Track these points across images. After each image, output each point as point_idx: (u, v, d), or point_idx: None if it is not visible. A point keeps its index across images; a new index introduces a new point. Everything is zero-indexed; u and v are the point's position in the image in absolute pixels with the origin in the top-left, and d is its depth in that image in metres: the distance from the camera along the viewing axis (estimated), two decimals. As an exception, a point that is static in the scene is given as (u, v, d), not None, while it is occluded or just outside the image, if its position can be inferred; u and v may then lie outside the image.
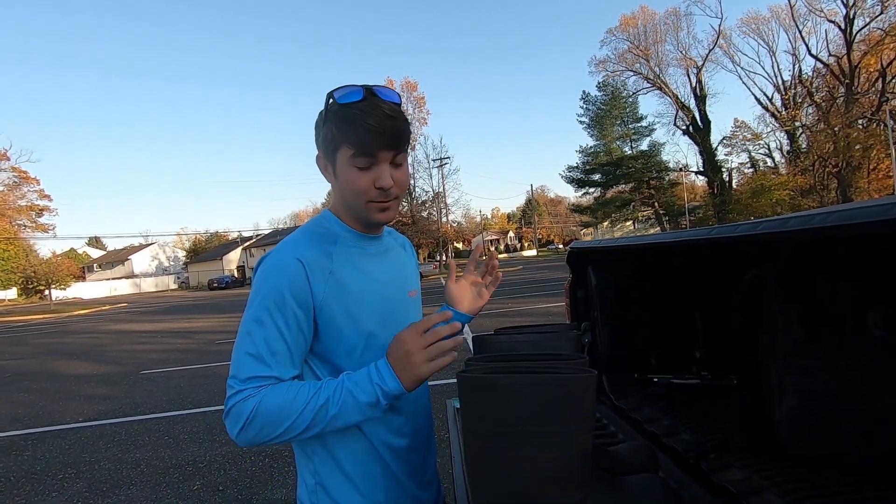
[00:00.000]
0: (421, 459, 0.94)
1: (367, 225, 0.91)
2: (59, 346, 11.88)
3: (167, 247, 68.06)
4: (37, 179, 41.51)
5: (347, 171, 0.83)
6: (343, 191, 0.87)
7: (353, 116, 0.79)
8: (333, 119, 0.82)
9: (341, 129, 0.81)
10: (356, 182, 0.83)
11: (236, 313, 16.64)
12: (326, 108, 0.84)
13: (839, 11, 30.63)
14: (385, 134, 0.80)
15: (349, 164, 0.82)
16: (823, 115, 32.01)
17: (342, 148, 0.82)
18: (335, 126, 0.82)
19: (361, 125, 0.79)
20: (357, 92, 0.81)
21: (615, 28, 39.08)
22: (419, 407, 0.95)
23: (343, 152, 0.82)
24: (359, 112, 0.79)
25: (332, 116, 0.83)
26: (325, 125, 0.85)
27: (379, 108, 0.80)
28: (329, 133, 0.84)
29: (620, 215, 42.84)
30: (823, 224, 0.62)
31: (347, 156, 0.82)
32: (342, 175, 0.84)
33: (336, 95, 0.82)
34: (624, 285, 1.70)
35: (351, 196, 0.85)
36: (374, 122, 0.79)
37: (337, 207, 0.93)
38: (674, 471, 1.11)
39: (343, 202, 0.90)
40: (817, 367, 1.05)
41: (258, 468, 3.42)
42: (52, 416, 5.34)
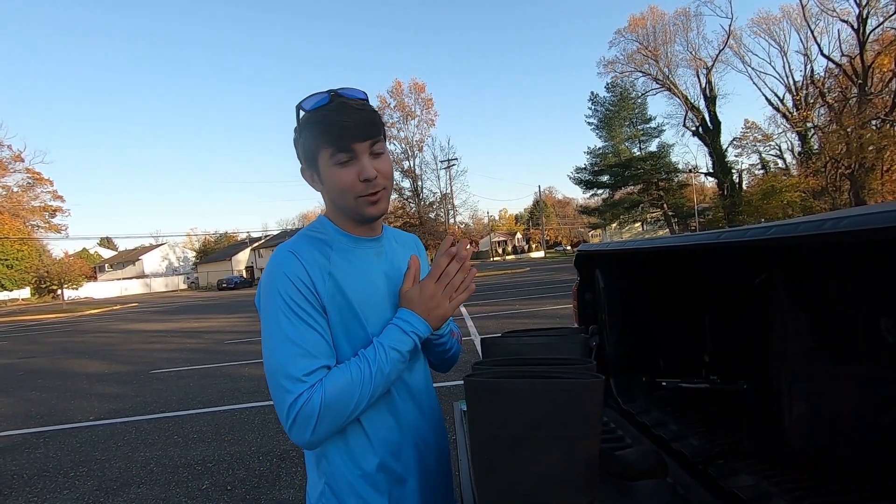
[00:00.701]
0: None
1: (362, 222, 0.92)
2: (70, 345, 12.02)
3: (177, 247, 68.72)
4: (50, 180, 42.14)
5: (331, 172, 0.87)
6: (332, 192, 0.89)
7: (323, 118, 0.84)
8: (307, 127, 0.87)
9: (316, 134, 0.86)
10: (341, 179, 0.86)
11: (245, 313, 16.75)
12: (298, 120, 0.89)
13: (852, 11, 30.25)
14: (355, 126, 0.84)
15: (330, 164, 0.86)
16: (836, 115, 31.61)
17: (321, 151, 0.86)
18: (310, 133, 0.87)
19: (333, 124, 0.84)
20: (323, 97, 0.86)
21: (624, 28, 38.95)
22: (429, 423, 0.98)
23: (323, 155, 0.86)
24: (328, 113, 0.84)
25: (305, 125, 0.88)
26: (301, 137, 0.90)
27: (346, 105, 0.85)
28: (306, 142, 0.88)
29: (629, 217, 42.58)
30: (835, 229, 0.62)
31: (327, 157, 0.86)
32: (327, 177, 0.88)
33: (305, 105, 0.87)
34: (632, 288, 1.69)
35: (340, 195, 0.88)
36: (345, 118, 0.84)
37: (331, 213, 0.95)
38: (682, 476, 1.11)
39: (335, 205, 0.92)
40: (828, 372, 1.04)
41: (266, 468, 3.44)
42: (64, 414, 5.40)
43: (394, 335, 0.85)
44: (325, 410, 0.76)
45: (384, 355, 0.82)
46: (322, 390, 0.77)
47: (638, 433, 1.39)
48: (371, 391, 0.80)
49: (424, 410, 0.96)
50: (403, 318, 0.87)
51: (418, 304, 0.88)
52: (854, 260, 0.95)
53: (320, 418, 0.76)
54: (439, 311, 0.88)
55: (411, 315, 0.87)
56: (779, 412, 1.12)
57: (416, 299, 0.88)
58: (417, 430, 0.94)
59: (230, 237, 72.06)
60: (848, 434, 0.99)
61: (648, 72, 38.90)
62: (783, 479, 1.02)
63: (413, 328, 0.86)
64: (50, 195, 42.48)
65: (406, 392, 0.93)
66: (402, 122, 42.06)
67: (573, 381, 0.60)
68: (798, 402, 1.08)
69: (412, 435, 0.92)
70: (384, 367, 0.82)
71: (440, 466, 0.97)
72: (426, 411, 0.96)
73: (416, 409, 0.94)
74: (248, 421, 4.57)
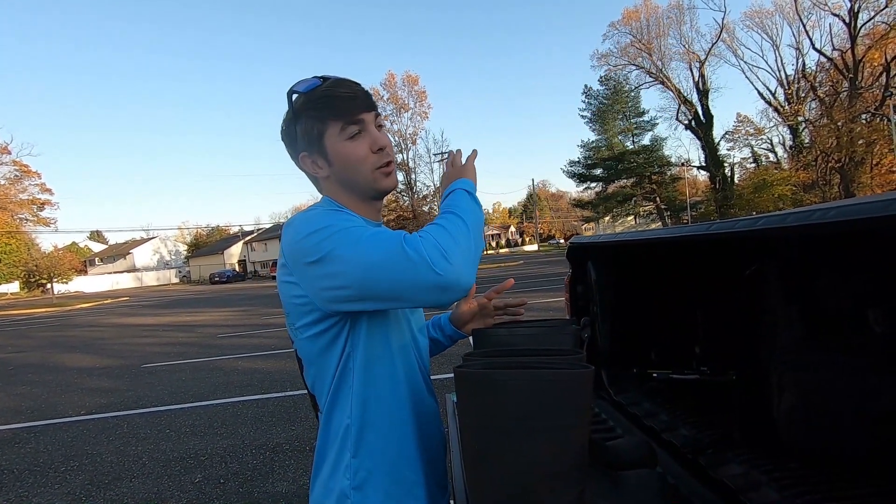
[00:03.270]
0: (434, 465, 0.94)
1: (376, 198, 0.90)
2: (61, 340, 11.93)
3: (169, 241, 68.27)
4: (38, 173, 41.68)
5: (342, 147, 0.84)
6: (345, 169, 0.85)
7: (326, 94, 0.82)
8: (307, 108, 0.84)
9: (321, 111, 0.83)
10: (356, 151, 0.84)
11: (238, 307, 16.70)
12: (293, 106, 0.86)
13: (843, 5, 30.43)
14: (360, 97, 0.84)
15: (341, 139, 0.83)
16: (827, 109, 31.86)
17: (328, 128, 0.83)
18: (313, 112, 0.84)
19: (338, 97, 0.82)
20: (315, 79, 0.85)
21: (618, 21, 38.93)
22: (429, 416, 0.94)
23: (330, 132, 0.83)
24: (329, 88, 0.83)
25: (304, 107, 0.85)
26: (297, 122, 0.86)
27: (342, 81, 0.84)
28: (308, 124, 0.85)
29: (622, 210, 42.76)
30: (823, 220, 0.62)
31: (336, 132, 0.83)
32: (338, 153, 0.84)
33: (299, 89, 0.84)
34: (624, 280, 1.69)
35: (355, 170, 0.85)
36: (348, 90, 0.83)
37: (341, 201, 0.89)
38: (672, 466, 1.12)
39: (346, 185, 0.88)
40: (817, 362, 1.05)
41: (259, 461, 3.44)
42: (55, 408, 5.37)
43: (459, 196, 0.83)
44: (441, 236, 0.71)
45: (466, 202, 0.81)
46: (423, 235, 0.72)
47: (629, 424, 1.40)
48: (476, 233, 0.76)
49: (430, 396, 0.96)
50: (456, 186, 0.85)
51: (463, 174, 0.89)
52: (842, 251, 0.96)
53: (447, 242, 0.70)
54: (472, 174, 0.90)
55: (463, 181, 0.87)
56: (768, 403, 1.13)
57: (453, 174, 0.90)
58: (435, 412, 0.94)
59: (222, 231, 71.60)
60: (836, 424, 1.00)
61: (642, 65, 38.94)
62: (772, 468, 1.03)
63: (469, 186, 0.86)
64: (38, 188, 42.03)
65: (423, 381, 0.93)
66: (396, 114, 41.87)
67: (562, 372, 0.60)
68: (787, 392, 1.09)
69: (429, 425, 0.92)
70: (476, 212, 0.80)
71: (440, 454, 0.97)
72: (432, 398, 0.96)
73: (432, 395, 0.95)
74: (240, 414, 4.56)
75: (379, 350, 0.82)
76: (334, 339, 0.80)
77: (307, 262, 0.73)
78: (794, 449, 1.06)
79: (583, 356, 0.69)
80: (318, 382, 0.84)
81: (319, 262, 0.71)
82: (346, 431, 0.81)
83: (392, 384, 0.84)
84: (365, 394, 0.81)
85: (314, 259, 0.72)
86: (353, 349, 0.81)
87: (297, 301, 0.79)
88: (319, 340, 0.81)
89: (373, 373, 0.82)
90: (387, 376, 0.83)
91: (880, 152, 30.27)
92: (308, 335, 0.81)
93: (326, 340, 0.80)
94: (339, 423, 0.82)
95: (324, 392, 0.84)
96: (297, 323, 0.82)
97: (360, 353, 0.81)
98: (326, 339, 0.80)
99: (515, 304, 1.11)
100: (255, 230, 60.33)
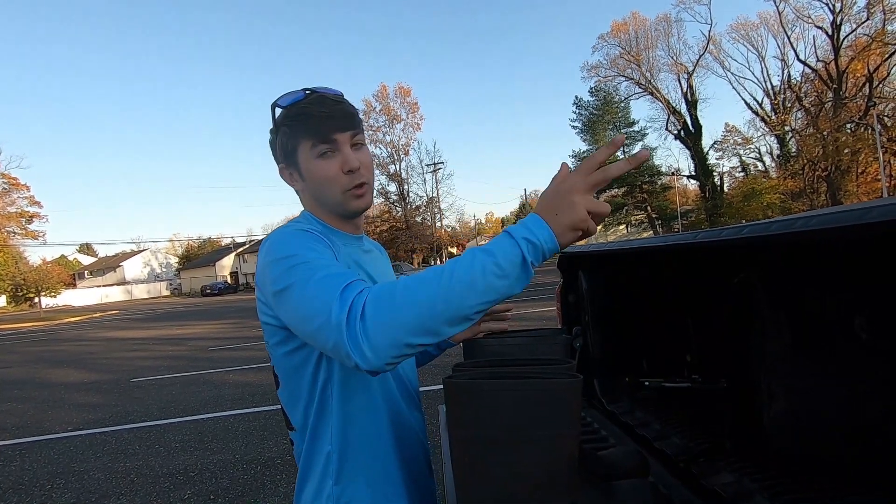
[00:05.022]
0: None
1: (348, 217, 0.89)
2: (48, 354, 11.73)
3: (159, 253, 67.67)
4: (27, 186, 41.25)
5: (313, 164, 0.83)
6: (314, 187, 0.85)
7: (302, 111, 0.82)
8: (284, 122, 0.84)
9: (295, 127, 0.83)
10: (324, 171, 0.83)
11: (230, 319, 16.54)
12: (274, 118, 0.86)
13: (826, 18, 31.16)
14: (336, 117, 0.82)
15: (312, 156, 0.83)
16: (812, 119, 32.45)
17: (301, 145, 0.83)
18: (288, 128, 0.84)
19: (313, 115, 0.81)
20: (299, 93, 0.85)
21: (607, 34, 39.50)
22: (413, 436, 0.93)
23: (303, 148, 0.83)
24: (306, 105, 0.82)
25: (282, 121, 0.85)
26: (278, 135, 0.86)
27: (324, 98, 0.83)
28: (284, 138, 0.85)
29: (613, 219, 43.06)
30: (805, 228, 0.63)
31: (308, 149, 0.83)
32: (309, 171, 0.84)
33: (281, 102, 0.85)
34: (614, 289, 1.70)
35: (322, 190, 0.84)
36: (324, 108, 0.82)
37: (316, 213, 0.90)
38: (664, 475, 1.12)
39: (318, 202, 0.88)
40: (805, 370, 1.06)
41: (250, 476, 3.39)
42: (41, 425, 5.26)
43: (496, 240, 0.61)
44: (376, 301, 0.59)
45: (469, 257, 0.59)
46: (369, 289, 0.62)
47: (622, 433, 1.40)
48: (445, 292, 0.57)
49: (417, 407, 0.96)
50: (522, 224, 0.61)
51: (546, 202, 0.61)
52: (827, 258, 0.97)
53: (374, 310, 0.58)
54: (572, 213, 0.59)
55: (531, 217, 0.61)
56: (758, 410, 1.13)
57: (549, 195, 0.61)
58: (418, 430, 0.94)
59: (214, 242, 71.13)
60: (826, 431, 1.01)
61: (631, 76, 39.48)
62: (763, 476, 1.03)
63: (527, 232, 0.58)
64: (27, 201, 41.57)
65: (407, 393, 0.92)
66: (388, 125, 42.09)
67: (551, 381, 0.60)
68: (777, 399, 1.10)
69: (415, 438, 0.92)
70: (466, 268, 0.58)
71: (423, 471, 0.97)
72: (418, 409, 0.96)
73: (416, 410, 0.95)
74: (231, 429, 4.50)
75: (356, 374, 0.82)
76: (306, 358, 0.80)
77: (273, 290, 0.72)
78: (785, 456, 1.07)
79: (572, 365, 0.69)
80: (292, 400, 0.84)
81: (281, 293, 0.70)
82: (328, 459, 0.82)
83: (371, 409, 0.84)
84: (345, 421, 0.82)
85: (278, 289, 0.70)
86: (329, 374, 0.81)
87: (269, 320, 0.80)
88: (292, 359, 0.81)
89: (352, 400, 0.82)
90: (365, 402, 0.83)
91: (865, 161, 30.83)
92: (281, 353, 0.82)
93: (299, 359, 0.81)
94: (321, 450, 0.82)
95: (298, 412, 0.84)
96: (271, 340, 0.83)
97: (336, 379, 0.81)
98: (299, 357, 0.81)
99: (501, 310, 1.09)
100: (248, 242, 60.02)
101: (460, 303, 0.57)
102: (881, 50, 28.68)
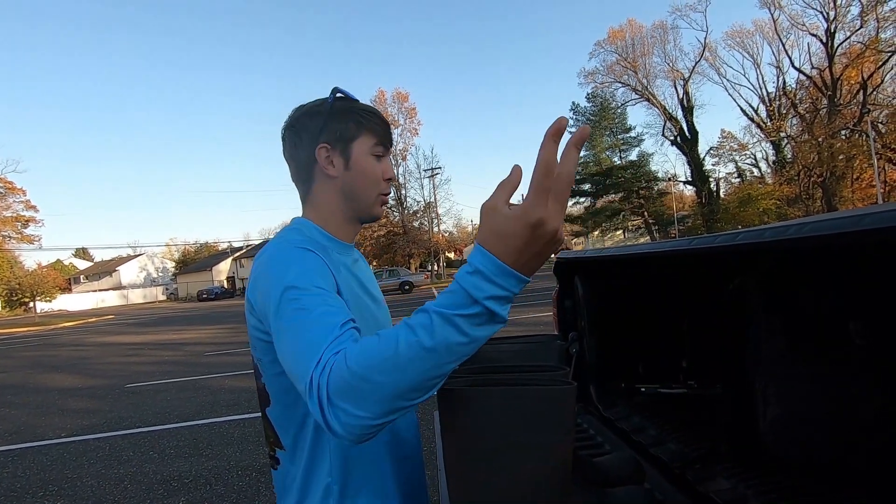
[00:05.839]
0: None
1: (363, 221, 0.90)
2: (43, 360, 11.65)
3: (156, 257, 67.36)
4: (23, 190, 41.06)
5: (367, 160, 0.85)
6: (354, 180, 0.85)
7: (372, 111, 0.86)
8: (350, 110, 0.85)
9: (363, 119, 0.85)
10: (374, 169, 0.85)
11: (226, 324, 16.47)
12: (335, 102, 0.86)
13: (820, 25, 31.47)
14: (390, 132, 0.88)
15: (368, 152, 0.85)
16: (807, 126, 32.69)
17: (361, 137, 0.85)
18: (356, 117, 0.85)
19: (381, 118, 0.87)
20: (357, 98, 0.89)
21: (603, 40, 39.74)
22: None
23: (362, 142, 0.85)
24: (373, 108, 0.87)
25: (346, 107, 0.85)
26: (331, 116, 0.84)
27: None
28: (343, 122, 0.84)
29: (610, 225, 43.16)
30: (798, 235, 0.63)
31: (368, 144, 0.85)
32: (360, 164, 0.85)
33: (348, 92, 0.88)
34: (610, 295, 1.70)
35: (362, 185, 0.85)
36: (385, 120, 0.88)
37: (322, 212, 0.87)
38: (660, 481, 1.11)
39: (347, 196, 0.86)
40: (800, 375, 1.06)
41: (245, 483, 3.37)
42: (34, 431, 5.22)
43: (449, 289, 0.52)
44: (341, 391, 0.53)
45: (439, 331, 0.50)
46: (346, 350, 0.55)
47: (617, 439, 1.40)
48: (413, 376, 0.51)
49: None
50: (478, 271, 0.50)
51: (493, 227, 0.50)
52: (820, 265, 0.97)
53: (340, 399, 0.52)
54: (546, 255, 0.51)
55: (478, 252, 0.51)
56: (754, 415, 1.13)
57: (496, 221, 0.50)
58: (414, 444, 0.92)
59: (211, 247, 70.93)
60: (821, 436, 1.01)
61: (628, 83, 39.71)
62: (758, 481, 1.03)
63: (496, 290, 0.49)
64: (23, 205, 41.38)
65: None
66: (386, 131, 41.94)
67: (544, 388, 0.60)
68: (772, 405, 1.10)
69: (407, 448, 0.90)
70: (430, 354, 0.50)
71: (420, 488, 0.95)
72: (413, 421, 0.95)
73: (410, 430, 0.92)
74: (227, 435, 4.47)
75: None
76: None
77: (274, 323, 0.67)
78: (780, 461, 1.06)
79: (566, 372, 0.69)
80: (285, 422, 0.81)
81: (278, 332, 0.66)
82: (327, 491, 0.78)
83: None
84: (346, 452, 0.79)
85: (277, 326, 0.66)
86: None
87: (262, 336, 0.76)
88: (287, 380, 0.73)
89: None
90: None
91: (860, 167, 31.04)
92: (274, 372, 0.77)
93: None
94: (319, 481, 0.79)
95: (289, 435, 0.80)
96: (264, 358, 0.79)
97: None
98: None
99: None
100: (245, 246, 59.86)
101: (425, 380, 0.52)
102: (875, 57, 28.96)
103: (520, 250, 0.49)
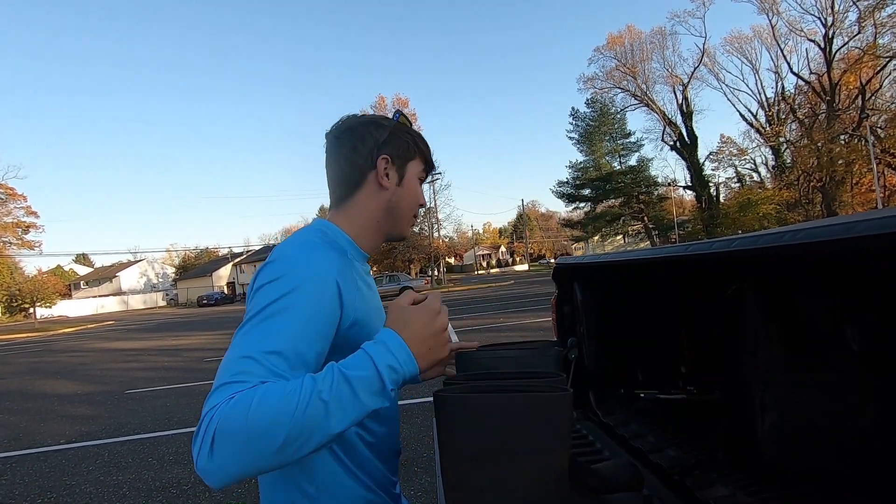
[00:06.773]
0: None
1: (391, 239, 0.94)
2: (42, 366, 11.62)
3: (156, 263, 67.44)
4: (24, 196, 41.10)
5: (414, 183, 0.91)
6: (400, 199, 0.89)
7: (424, 139, 0.93)
8: (411, 134, 0.91)
9: (420, 145, 0.91)
10: (417, 193, 0.91)
11: (226, 330, 16.43)
12: (398, 119, 0.91)
13: (819, 31, 31.55)
14: (433, 163, 0.96)
15: (417, 175, 0.91)
16: (806, 131, 32.74)
17: (416, 160, 0.91)
18: (414, 140, 0.90)
19: (429, 148, 0.94)
20: None
21: (602, 46, 39.83)
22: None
23: (415, 165, 0.90)
24: (424, 137, 0.93)
25: (408, 131, 0.91)
26: (397, 133, 0.89)
27: None
28: (405, 142, 0.89)
29: (611, 230, 43.14)
30: (793, 241, 0.63)
31: (419, 169, 0.91)
32: (411, 183, 0.90)
33: (407, 117, 0.93)
34: (610, 301, 1.70)
35: (409, 206, 0.91)
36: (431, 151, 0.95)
37: (357, 221, 0.87)
38: (659, 488, 1.11)
39: (388, 212, 0.88)
40: (798, 381, 1.06)
41: (245, 490, 3.35)
42: (33, 437, 5.20)
43: (358, 362, 0.59)
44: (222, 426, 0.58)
45: (330, 376, 0.57)
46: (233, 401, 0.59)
47: (616, 445, 1.39)
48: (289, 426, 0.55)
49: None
50: (383, 342, 0.60)
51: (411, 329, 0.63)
52: (817, 270, 0.97)
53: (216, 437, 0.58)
54: (441, 352, 0.65)
55: (394, 340, 0.61)
56: (752, 422, 1.13)
57: (416, 321, 0.64)
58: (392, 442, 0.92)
59: (211, 253, 70.90)
60: (819, 442, 1.00)
61: (627, 88, 39.80)
62: (757, 489, 1.03)
63: (397, 376, 0.60)
64: (23, 211, 41.40)
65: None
66: (386, 136, 41.97)
67: (541, 395, 0.60)
68: (770, 411, 1.10)
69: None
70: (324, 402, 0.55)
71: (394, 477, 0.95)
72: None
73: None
74: (226, 441, 4.44)
75: None
76: None
77: (250, 307, 0.69)
78: (778, 468, 1.06)
79: (563, 378, 0.69)
80: None
81: (245, 321, 0.69)
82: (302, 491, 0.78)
83: (335, 458, 0.79)
84: (311, 468, 0.77)
85: (248, 313, 0.69)
86: None
87: None
88: None
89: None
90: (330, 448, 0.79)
91: (859, 172, 31.06)
92: None
93: None
94: (287, 497, 0.78)
95: None
96: None
97: None
98: None
99: (467, 347, 1.03)
100: (245, 252, 59.86)
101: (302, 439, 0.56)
102: (873, 63, 29.05)
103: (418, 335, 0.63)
